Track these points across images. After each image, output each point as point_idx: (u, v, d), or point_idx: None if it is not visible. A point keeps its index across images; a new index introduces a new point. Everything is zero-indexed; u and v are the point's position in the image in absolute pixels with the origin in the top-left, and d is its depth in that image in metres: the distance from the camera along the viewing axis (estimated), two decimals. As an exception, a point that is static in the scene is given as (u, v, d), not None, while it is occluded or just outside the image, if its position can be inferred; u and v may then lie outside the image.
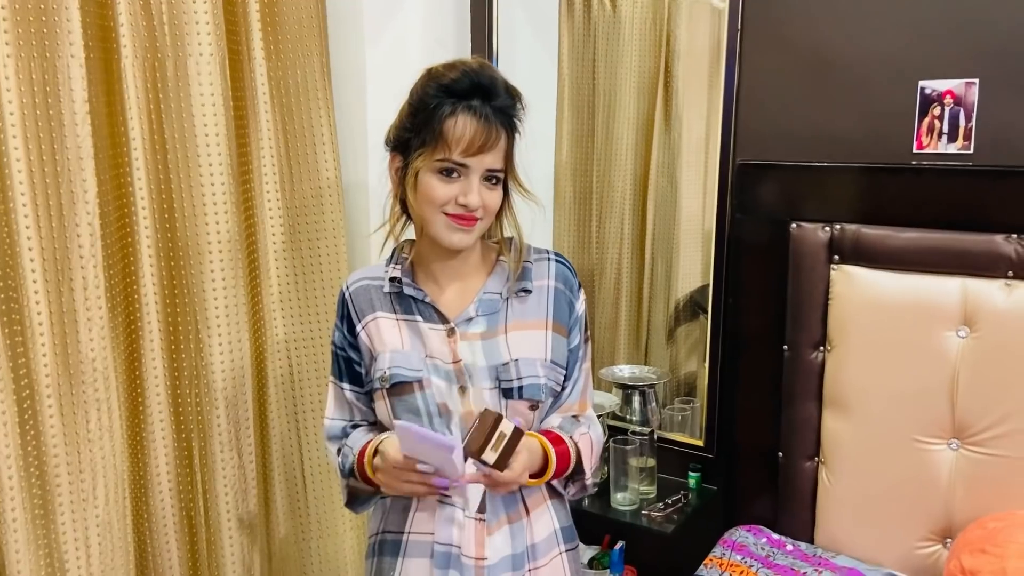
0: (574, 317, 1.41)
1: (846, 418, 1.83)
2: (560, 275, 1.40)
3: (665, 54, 2.22)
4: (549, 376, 1.36)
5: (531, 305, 1.38)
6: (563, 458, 1.35)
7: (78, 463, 1.57)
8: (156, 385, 1.73)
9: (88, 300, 1.54)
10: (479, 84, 1.27)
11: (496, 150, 1.28)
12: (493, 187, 1.31)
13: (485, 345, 1.35)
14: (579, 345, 1.42)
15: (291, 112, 1.93)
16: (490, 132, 1.26)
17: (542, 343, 1.36)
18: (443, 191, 1.28)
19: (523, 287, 1.37)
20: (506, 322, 1.36)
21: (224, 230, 1.74)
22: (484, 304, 1.36)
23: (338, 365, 1.43)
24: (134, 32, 1.62)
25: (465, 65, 1.30)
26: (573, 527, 1.47)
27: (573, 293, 1.41)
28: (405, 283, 1.37)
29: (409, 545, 1.38)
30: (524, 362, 1.34)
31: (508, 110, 1.30)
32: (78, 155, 1.50)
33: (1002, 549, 1.50)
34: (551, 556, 1.41)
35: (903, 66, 1.79)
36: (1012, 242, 1.65)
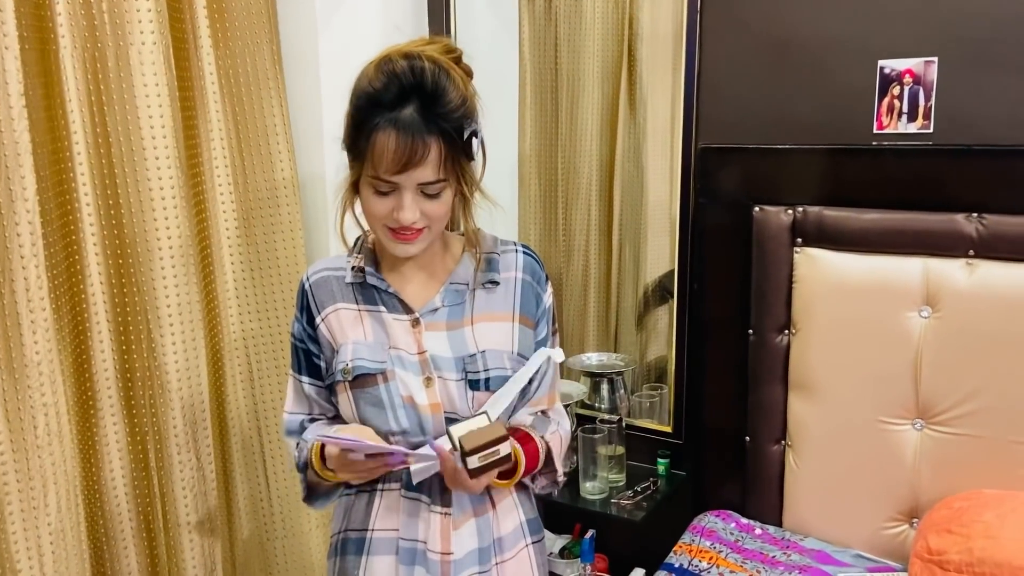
0: (541, 309, 1.37)
1: (812, 401, 1.82)
2: (527, 267, 1.36)
3: (628, 37, 2.19)
4: (516, 368, 1.31)
5: (498, 297, 1.34)
6: (532, 458, 1.32)
7: (27, 470, 1.52)
8: (108, 387, 1.67)
9: (31, 301, 1.48)
10: (403, 88, 1.17)
11: (427, 163, 1.18)
12: (432, 198, 1.22)
13: (451, 336, 1.31)
14: (546, 337, 1.38)
15: (242, 102, 1.88)
16: (416, 147, 1.16)
17: (509, 335, 1.33)
18: (378, 207, 1.23)
19: (490, 278, 1.33)
20: (472, 313, 1.33)
21: (174, 225, 1.69)
22: (450, 294, 1.32)
23: (297, 358, 1.38)
24: (72, 21, 1.55)
25: (394, 65, 1.18)
26: (539, 519, 1.45)
27: (540, 285, 1.37)
28: (368, 273, 1.33)
29: (373, 542, 1.34)
30: (491, 353, 1.30)
31: (444, 116, 1.18)
32: (15, 151, 1.43)
33: (968, 529, 1.51)
34: (517, 549, 1.39)
35: (862, 46, 1.77)
36: (972, 221, 1.65)
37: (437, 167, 1.19)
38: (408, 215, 1.21)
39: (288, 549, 2.08)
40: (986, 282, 1.64)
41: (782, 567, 1.73)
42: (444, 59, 1.20)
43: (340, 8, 2.04)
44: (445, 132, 1.18)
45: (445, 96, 1.17)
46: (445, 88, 1.17)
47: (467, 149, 1.23)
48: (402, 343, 1.30)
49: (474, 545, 1.33)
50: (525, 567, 1.39)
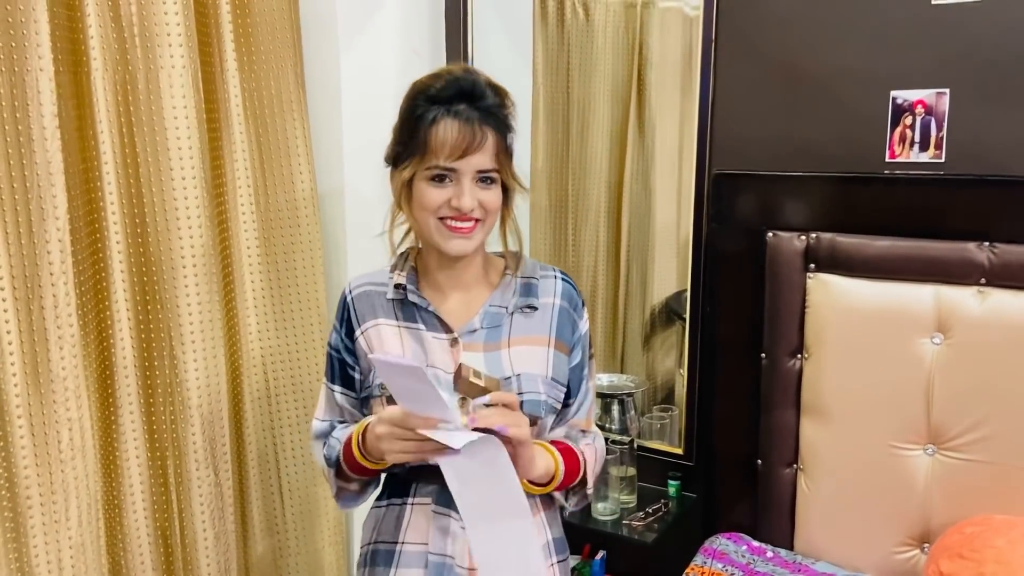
0: (577, 335, 1.40)
1: (824, 425, 1.84)
2: (565, 294, 1.40)
3: (638, 62, 2.23)
4: (549, 393, 1.35)
5: (535, 322, 1.37)
6: (571, 466, 1.36)
7: (50, 483, 1.54)
8: (129, 403, 1.70)
9: (59, 318, 1.51)
10: (462, 88, 1.27)
11: (484, 150, 1.27)
12: (488, 187, 1.30)
13: (488, 357, 1.34)
14: (582, 363, 1.41)
15: (265, 123, 1.91)
16: (475, 133, 1.25)
17: (544, 360, 1.36)
18: (435, 196, 1.28)
19: (529, 303, 1.37)
20: (509, 336, 1.35)
21: (198, 244, 1.72)
22: (489, 316, 1.36)
23: (331, 367, 1.42)
24: (104, 44, 1.59)
25: (448, 72, 1.30)
26: (564, 539, 1.47)
27: (577, 312, 1.40)
28: (409, 291, 1.36)
29: (403, 555, 1.36)
30: (526, 377, 1.33)
31: (494, 109, 1.28)
32: (48, 170, 1.46)
33: (979, 554, 1.52)
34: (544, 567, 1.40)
35: (875, 76, 1.81)
36: (984, 249, 1.68)
37: (493, 155, 1.28)
38: (467, 200, 1.26)
39: (301, 566, 2.09)
40: (997, 310, 1.66)
41: (794, 590, 1.74)
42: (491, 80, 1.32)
43: (361, 34, 2.08)
44: (497, 126, 1.28)
45: (495, 96, 1.29)
46: (494, 88, 1.30)
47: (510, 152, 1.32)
48: (439, 361, 1.33)
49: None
50: None
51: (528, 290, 1.38)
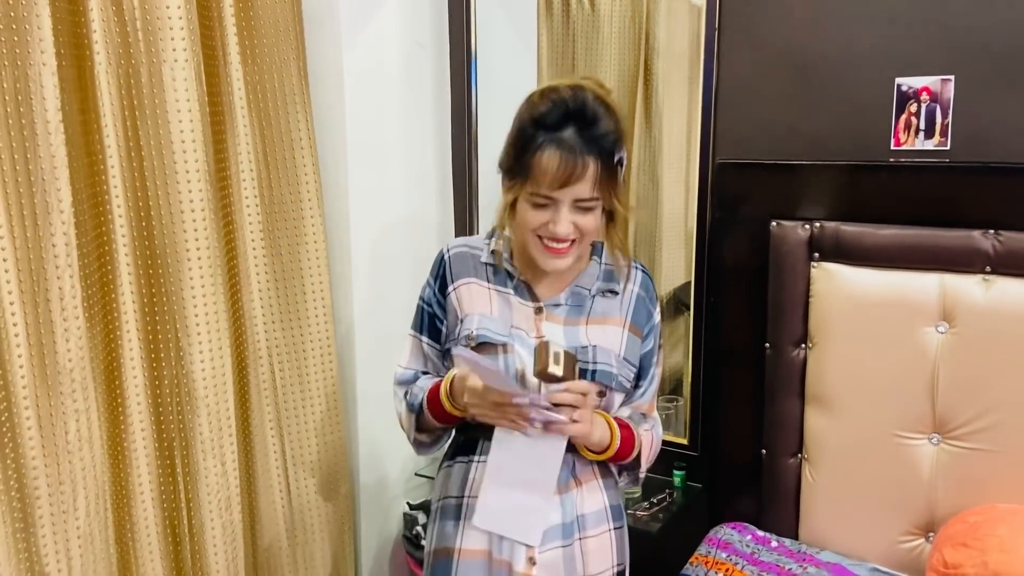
0: (650, 324, 1.49)
1: (828, 415, 1.83)
2: (643, 284, 1.49)
3: (645, 52, 2.22)
4: (620, 370, 1.43)
5: (614, 305, 1.46)
6: (627, 443, 1.43)
7: (57, 474, 1.55)
8: (136, 394, 1.71)
9: (65, 310, 1.52)
10: (569, 113, 1.29)
11: (584, 180, 1.30)
12: (586, 213, 1.34)
13: (567, 330, 1.43)
14: (653, 350, 1.50)
15: (268, 116, 1.92)
16: (575, 165, 1.28)
17: (618, 339, 1.44)
18: (535, 218, 1.34)
19: (611, 288, 1.46)
20: (588, 315, 1.44)
21: (203, 237, 1.73)
22: (574, 295, 1.45)
23: (421, 319, 1.52)
24: (107, 39, 1.60)
25: (558, 94, 1.31)
26: (622, 507, 1.53)
27: (652, 302, 1.50)
28: (505, 259, 1.46)
29: (469, 508, 1.44)
30: (601, 350, 1.41)
31: (600, 135, 1.30)
32: (52, 164, 1.48)
33: (983, 543, 1.52)
34: (600, 530, 1.46)
35: (880, 63, 1.80)
36: (989, 237, 1.67)
37: (593, 185, 1.31)
38: (563, 228, 1.33)
39: (307, 556, 2.11)
40: (1003, 298, 1.65)
41: (798, 579, 1.74)
42: (601, 91, 1.34)
43: (365, 26, 2.08)
44: (601, 153, 1.30)
45: (602, 121, 1.30)
46: (602, 115, 1.31)
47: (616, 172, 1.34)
48: (523, 325, 1.43)
49: (558, 520, 1.42)
50: (606, 548, 1.47)
51: (610, 276, 1.47)
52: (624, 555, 1.50)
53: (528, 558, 1.40)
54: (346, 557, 2.18)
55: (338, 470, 2.13)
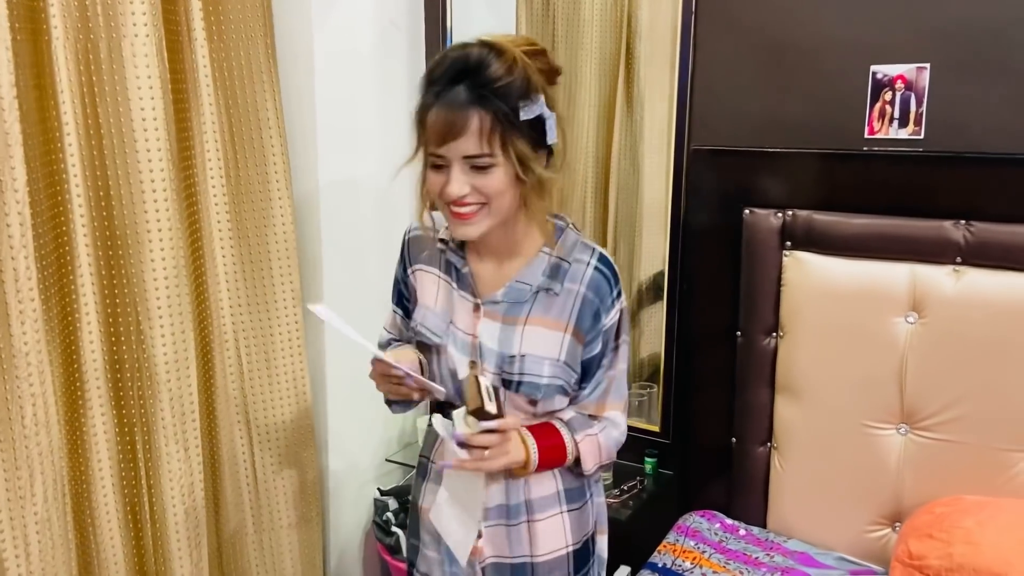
0: (598, 327, 1.36)
1: (798, 404, 1.83)
2: (592, 284, 1.35)
3: (626, 35, 2.19)
4: (557, 375, 1.35)
5: (556, 305, 1.35)
6: (551, 454, 1.37)
7: (13, 459, 1.52)
8: (96, 378, 1.68)
9: (20, 292, 1.48)
10: (454, 67, 1.22)
11: (468, 134, 1.21)
12: (482, 171, 1.24)
13: (503, 330, 1.36)
14: (603, 353, 1.39)
15: (235, 96, 1.88)
16: (457, 118, 1.21)
17: (557, 344, 1.35)
18: (434, 181, 1.27)
19: (552, 287, 1.35)
20: (528, 314, 1.36)
21: (165, 218, 1.69)
22: (513, 291, 1.36)
23: (396, 292, 1.53)
24: (64, 12, 1.55)
25: (451, 50, 1.25)
26: (583, 488, 1.48)
27: (604, 303, 1.35)
28: (450, 248, 1.41)
29: (431, 471, 1.49)
30: (530, 359, 1.34)
31: (487, 89, 1.20)
32: (6, 141, 1.43)
33: (948, 534, 1.52)
34: (551, 513, 1.44)
35: (855, 51, 1.78)
36: (960, 228, 1.66)
37: (479, 139, 1.21)
38: (454, 187, 1.24)
39: (274, 542, 2.09)
40: (972, 289, 1.64)
41: (765, 568, 1.74)
42: (505, 43, 1.23)
43: (337, 4, 2.04)
44: (490, 106, 1.21)
45: (488, 70, 1.21)
46: (489, 63, 1.21)
47: (525, 129, 1.24)
48: (461, 322, 1.39)
49: (501, 500, 1.42)
50: (558, 530, 1.45)
51: (555, 272, 1.35)
52: (582, 533, 1.47)
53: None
54: (314, 544, 2.16)
55: (306, 456, 2.10)
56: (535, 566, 1.43)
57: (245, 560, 2.06)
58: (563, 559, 1.45)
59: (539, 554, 1.43)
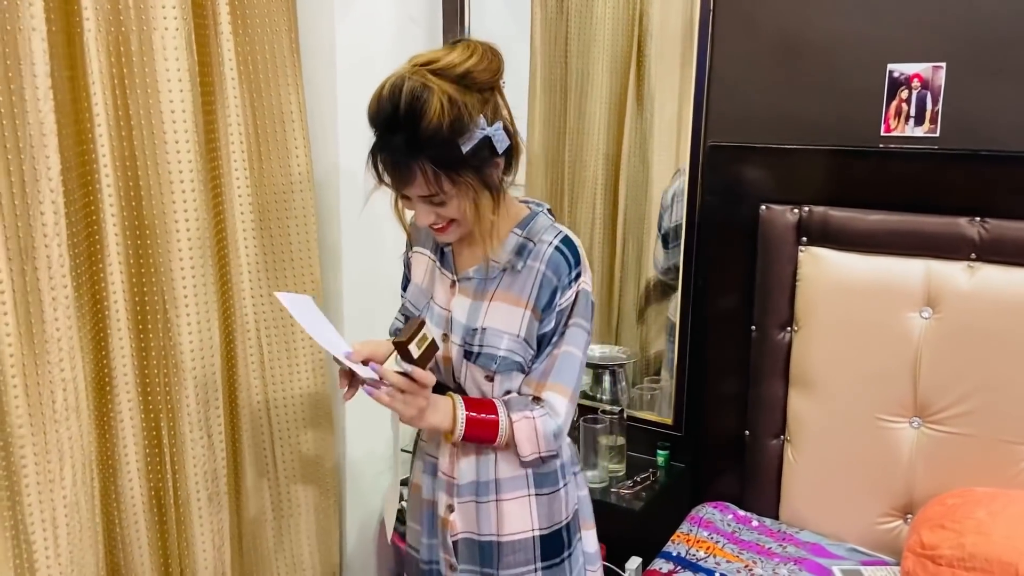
0: (552, 305, 1.40)
1: (811, 397, 1.86)
2: (552, 262, 1.39)
3: (638, 33, 2.21)
4: (515, 351, 1.41)
5: (520, 282, 1.41)
6: (477, 428, 1.41)
7: (44, 443, 1.55)
8: (123, 364, 1.71)
9: (52, 279, 1.51)
10: (389, 120, 1.27)
11: (415, 184, 1.30)
12: (438, 206, 1.34)
13: (472, 305, 1.44)
14: (554, 331, 1.42)
15: (259, 89, 1.90)
16: (401, 170, 1.29)
17: (518, 320, 1.41)
18: (407, 209, 1.42)
19: (516, 265, 1.41)
20: (495, 291, 1.43)
21: (192, 208, 1.72)
22: (483, 269, 1.44)
23: (404, 278, 1.62)
24: (97, 5, 1.58)
25: (381, 94, 1.29)
26: (555, 474, 1.50)
27: (560, 281, 1.39)
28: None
29: (419, 449, 1.60)
30: (491, 332, 1.41)
31: (421, 141, 1.26)
32: (40, 131, 1.46)
33: (960, 525, 1.55)
34: (518, 494, 1.48)
35: (872, 49, 1.80)
36: (975, 224, 1.69)
37: (427, 185, 1.30)
38: (420, 220, 1.37)
39: (292, 528, 2.12)
40: (987, 285, 1.67)
41: (778, 558, 1.77)
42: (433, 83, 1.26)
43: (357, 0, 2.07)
44: (428, 154, 1.27)
45: (420, 124, 1.25)
46: (419, 117, 1.25)
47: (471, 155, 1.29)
48: (439, 298, 1.50)
49: (472, 477, 1.48)
50: (524, 512, 1.49)
51: (520, 251, 1.42)
52: (552, 520, 1.50)
53: (447, 504, 1.51)
54: (331, 531, 2.20)
55: (324, 443, 2.13)
56: (500, 545, 1.48)
57: (264, 545, 2.09)
58: (528, 542, 1.49)
59: (504, 533, 1.48)
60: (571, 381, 1.44)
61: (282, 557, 2.13)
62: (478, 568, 1.51)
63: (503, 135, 1.32)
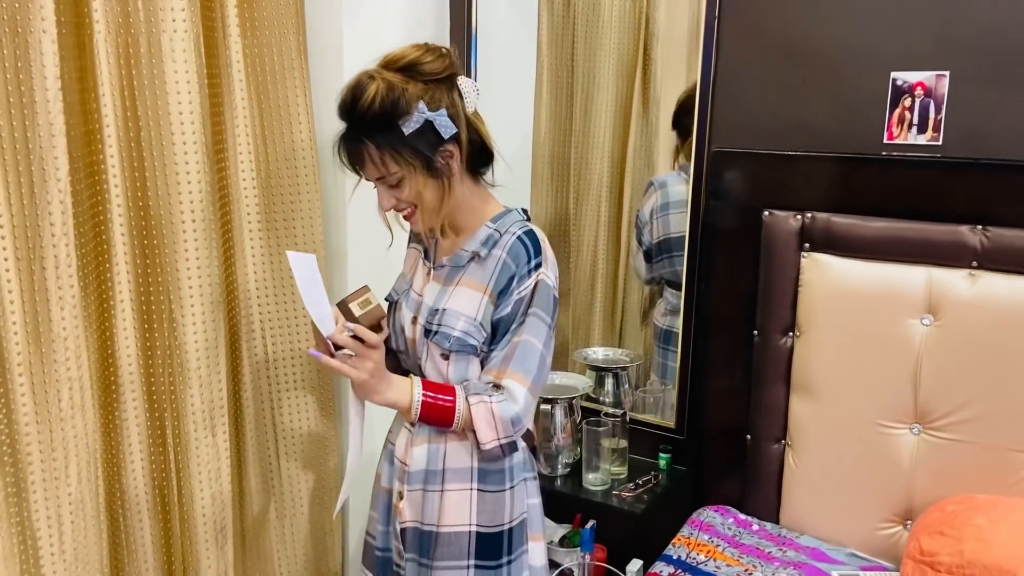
0: (509, 290, 1.45)
1: (813, 402, 1.87)
2: (512, 251, 1.46)
3: (644, 37, 2.23)
4: (470, 332, 1.47)
5: (483, 269, 1.49)
6: (432, 410, 1.46)
7: (50, 441, 1.56)
8: (129, 364, 1.72)
9: (60, 278, 1.52)
10: (340, 109, 1.42)
11: (367, 164, 1.42)
12: (395, 187, 1.44)
13: (440, 290, 1.53)
14: (512, 317, 1.46)
15: (267, 90, 1.92)
16: (351, 153, 1.43)
17: (476, 304, 1.48)
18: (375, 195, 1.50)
19: (481, 253, 1.49)
20: (461, 277, 1.51)
21: (199, 209, 1.73)
22: (455, 257, 1.52)
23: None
24: (107, 7, 1.59)
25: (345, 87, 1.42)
26: (502, 473, 1.53)
27: (519, 269, 1.45)
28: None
29: (386, 441, 1.68)
30: (449, 313, 1.48)
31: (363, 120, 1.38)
32: (50, 132, 1.47)
33: (959, 532, 1.55)
34: (461, 487, 1.52)
35: (876, 56, 1.81)
36: (977, 233, 1.69)
37: (376, 164, 1.42)
38: (382, 203, 1.48)
39: (295, 527, 2.13)
40: (988, 293, 1.68)
41: (777, 563, 1.78)
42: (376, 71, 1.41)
43: (365, 2, 2.07)
44: (371, 136, 1.39)
45: (358, 107, 1.38)
46: (357, 100, 1.39)
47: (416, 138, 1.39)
48: (416, 285, 1.59)
49: (423, 465, 1.55)
50: (464, 505, 1.52)
51: (488, 241, 1.49)
52: (493, 520, 1.51)
53: (399, 492, 1.58)
54: (333, 530, 2.21)
55: (327, 443, 2.15)
56: (438, 535, 1.52)
57: (267, 545, 2.11)
58: (463, 536, 1.51)
59: (443, 524, 1.52)
60: (531, 371, 1.46)
61: (284, 556, 2.14)
62: (418, 558, 1.56)
63: (447, 121, 1.40)
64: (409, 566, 1.58)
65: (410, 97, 1.38)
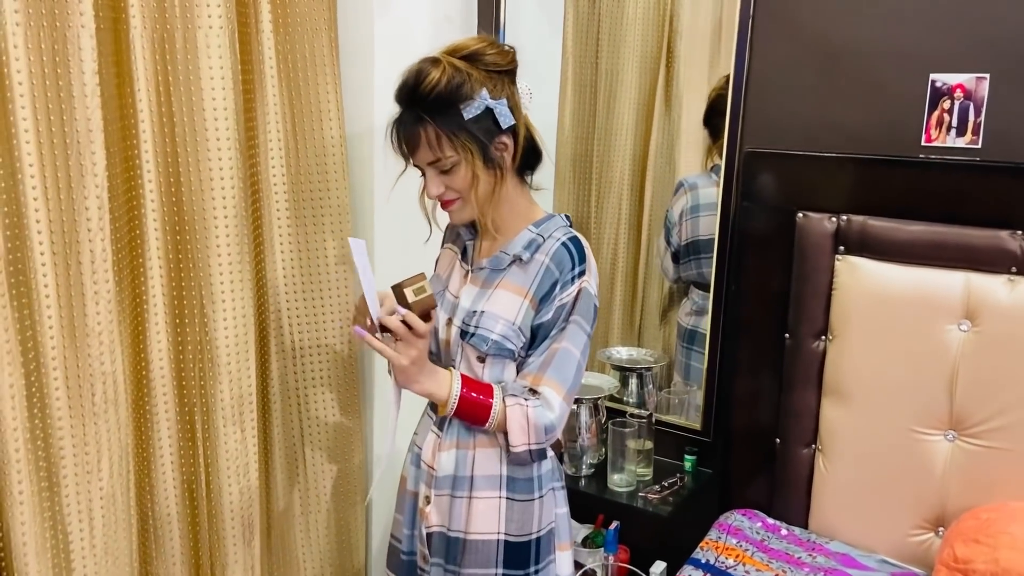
0: (551, 296, 1.45)
1: (845, 407, 1.85)
2: (556, 256, 1.45)
3: (668, 34, 2.21)
4: (508, 336, 1.46)
5: (524, 273, 1.48)
6: (469, 406, 1.45)
7: (83, 435, 1.57)
8: (160, 359, 1.72)
9: (95, 273, 1.53)
10: (402, 90, 1.42)
11: (422, 147, 1.41)
12: (448, 173, 1.42)
13: (478, 293, 1.51)
14: (552, 323, 1.45)
15: (298, 86, 1.91)
16: (408, 135, 1.42)
17: (516, 308, 1.47)
18: (423, 183, 1.50)
19: (522, 256, 1.48)
20: (501, 280, 1.49)
21: (231, 205, 1.73)
22: (495, 260, 1.51)
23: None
24: (144, 3, 1.59)
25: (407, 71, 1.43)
26: (531, 482, 1.52)
27: (562, 275, 1.44)
28: (465, 227, 1.59)
29: (411, 442, 1.67)
30: (488, 315, 1.47)
31: (422, 101, 1.38)
32: (87, 127, 1.47)
33: (995, 540, 1.54)
34: (490, 495, 1.51)
35: (914, 58, 1.79)
36: (1017, 238, 1.67)
37: (430, 148, 1.41)
38: (431, 189, 1.46)
39: (319, 523, 2.13)
40: (1027, 299, 1.66)
41: (807, 568, 1.77)
42: (441, 55, 1.42)
43: None
44: (431, 117, 1.39)
45: (425, 82, 1.38)
46: (420, 81, 1.38)
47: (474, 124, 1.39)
48: (453, 287, 1.57)
49: (451, 471, 1.53)
50: (493, 514, 1.51)
51: (530, 245, 1.48)
52: (523, 529, 1.51)
53: (425, 496, 1.57)
54: (358, 527, 2.21)
55: (353, 440, 2.15)
56: (466, 543, 1.51)
57: (292, 540, 2.11)
58: (491, 545, 1.50)
59: (471, 532, 1.51)
60: (567, 379, 1.45)
61: (309, 552, 2.15)
62: (444, 563, 1.55)
63: (507, 111, 1.41)
64: (434, 571, 1.57)
65: (474, 82, 1.39)
